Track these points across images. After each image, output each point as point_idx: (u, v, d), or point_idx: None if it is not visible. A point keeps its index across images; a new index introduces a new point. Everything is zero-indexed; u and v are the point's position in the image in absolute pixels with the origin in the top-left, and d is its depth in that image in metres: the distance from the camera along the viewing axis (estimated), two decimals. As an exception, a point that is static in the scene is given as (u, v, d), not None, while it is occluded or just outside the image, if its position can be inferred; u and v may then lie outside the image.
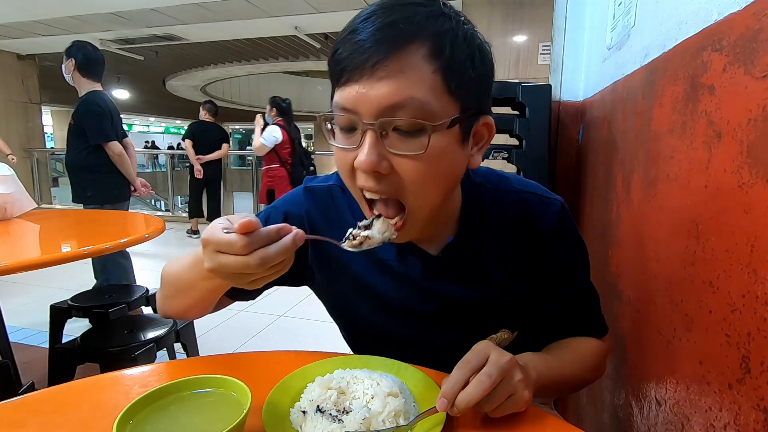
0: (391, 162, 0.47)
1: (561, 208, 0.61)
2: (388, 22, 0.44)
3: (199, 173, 4.47)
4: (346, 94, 0.46)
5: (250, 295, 0.63)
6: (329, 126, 0.51)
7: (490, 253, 0.60)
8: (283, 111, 3.67)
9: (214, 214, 4.80)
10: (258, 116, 3.63)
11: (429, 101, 0.44)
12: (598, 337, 0.66)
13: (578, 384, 0.64)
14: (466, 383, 0.45)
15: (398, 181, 0.48)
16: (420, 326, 0.64)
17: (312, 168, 4.15)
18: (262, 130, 3.57)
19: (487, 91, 0.52)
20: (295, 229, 0.43)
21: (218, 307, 0.63)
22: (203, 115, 4.53)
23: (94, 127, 2.28)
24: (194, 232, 4.88)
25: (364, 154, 0.46)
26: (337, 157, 0.51)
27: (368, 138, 0.46)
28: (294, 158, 3.75)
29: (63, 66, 2.30)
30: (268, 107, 3.69)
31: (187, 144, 4.47)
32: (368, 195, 0.50)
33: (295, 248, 0.43)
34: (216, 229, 0.43)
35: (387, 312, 0.64)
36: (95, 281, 2.48)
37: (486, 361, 0.46)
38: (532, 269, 0.61)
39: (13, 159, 4.01)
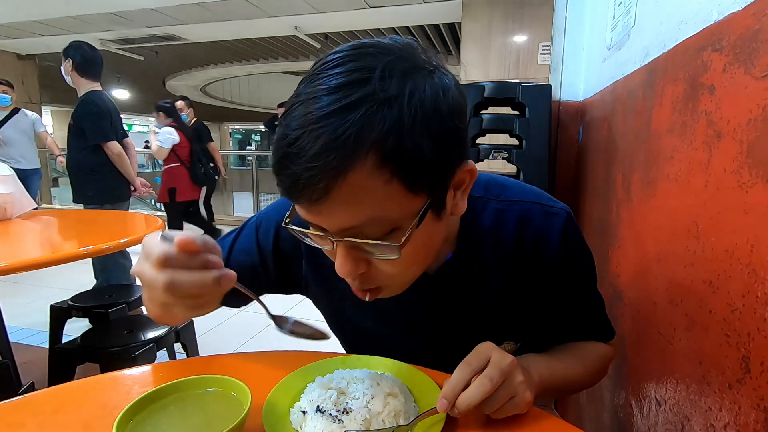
0: (369, 260, 0.45)
1: (566, 219, 0.56)
2: (322, 145, 0.36)
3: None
4: (305, 212, 0.42)
5: (236, 302, 0.60)
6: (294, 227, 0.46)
7: (490, 269, 0.57)
8: (169, 112, 3.76)
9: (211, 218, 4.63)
10: (152, 127, 3.78)
11: (391, 212, 0.40)
12: (604, 341, 0.65)
13: (580, 386, 0.63)
14: (468, 384, 0.45)
15: (379, 274, 0.46)
16: (418, 339, 0.63)
17: (211, 165, 4.15)
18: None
19: (458, 148, 0.44)
20: (225, 271, 0.42)
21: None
22: (190, 113, 4.20)
23: (92, 127, 2.29)
24: None
25: (339, 264, 0.44)
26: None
27: (340, 250, 0.43)
28: (193, 157, 3.83)
29: (62, 67, 2.30)
30: (155, 114, 3.81)
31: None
32: (356, 292, 0.49)
33: (217, 289, 0.41)
34: (159, 235, 0.41)
35: (383, 323, 0.63)
36: (95, 281, 2.48)
37: (488, 362, 0.46)
38: (536, 285, 0.58)
39: (61, 163, 3.88)
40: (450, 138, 0.42)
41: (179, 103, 4.08)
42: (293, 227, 0.45)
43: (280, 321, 0.51)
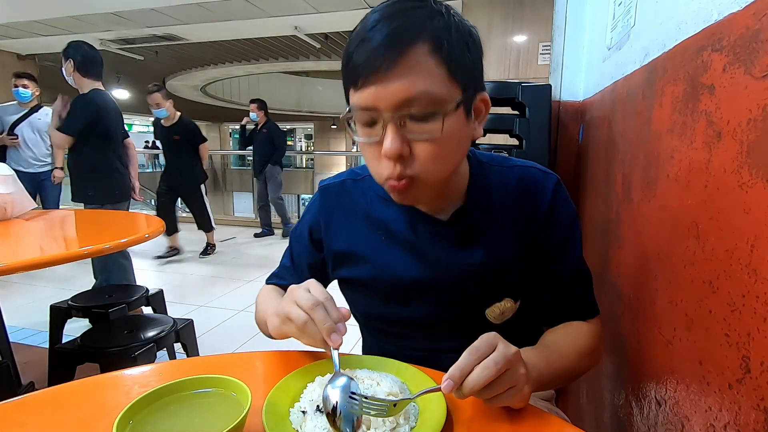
0: (411, 146, 0.53)
1: (558, 179, 0.68)
2: (393, 28, 0.50)
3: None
4: (365, 95, 0.51)
5: None
6: (352, 125, 0.57)
7: (495, 220, 0.66)
8: None
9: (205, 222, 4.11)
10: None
11: (437, 90, 0.51)
12: (591, 317, 0.69)
13: (577, 374, 0.66)
14: (472, 370, 0.46)
15: (416, 162, 0.54)
16: (428, 298, 0.67)
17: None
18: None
19: (481, 71, 0.58)
20: (337, 336, 0.51)
21: None
22: (169, 106, 3.70)
23: (68, 117, 2.28)
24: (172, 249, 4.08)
25: (389, 142, 0.52)
26: (363, 149, 0.58)
27: (390, 129, 0.52)
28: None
29: (63, 68, 2.30)
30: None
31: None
32: (391, 182, 0.56)
33: (327, 335, 0.50)
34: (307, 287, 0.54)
35: (398, 287, 0.68)
36: (95, 281, 2.48)
37: (494, 350, 0.47)
38: (532, 235, 0.66)
39: (55, 178, 3.39)
40: (477, 60, 0.56)
41: (155, 96, 3.62)
42: (349, 121, 0.56)
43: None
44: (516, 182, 0.66)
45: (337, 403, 0.45)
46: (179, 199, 4.11)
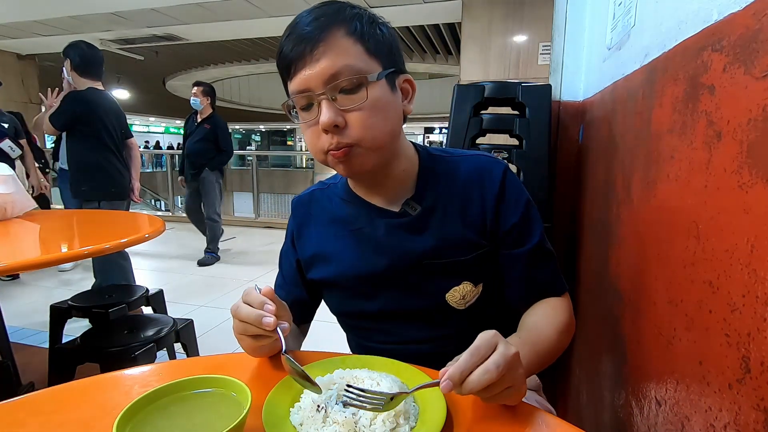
0: (344, 117, 0.59)
1: (507, 166, 0.72)
2: (312, 20, 0.59)
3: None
4: (298, 80, 0.59)
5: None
6: (293, 112, 0.63)
7: (445, 206, 0.70)
8: None
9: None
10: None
11: (358, 63, 0.59)
12: (562, 293, 0.73)
13: (558, 353, 0.69)
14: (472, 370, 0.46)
15: (350, 131, 0.60)
16: (391, 290, 0.70)
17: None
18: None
19: (400, 56, 0.66)
20: (271, 319, 0.53)
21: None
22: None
23: (57, 110, 2.29)
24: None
25: (324, 115, 0.58)
26: (305, 132, 0.64)
27: (324, 104, 0.59)
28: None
29: (64, 69, 2.30)
30: None
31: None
32: (332, 153, 0.61)
33: (258, 323, 0.53)
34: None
35: (363, 281, 0.71)
36: (94, 280, 2.48)
37: (494, 350, 0.47)
38: (486, 219, 0.69)
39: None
40: (391, 42, 0.64)
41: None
42: (290, 109, 0.63)
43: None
44: (464, 170, 0.71)
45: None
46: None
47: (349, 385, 0.47)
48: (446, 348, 0.59)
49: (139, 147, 2.83)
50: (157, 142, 21.14)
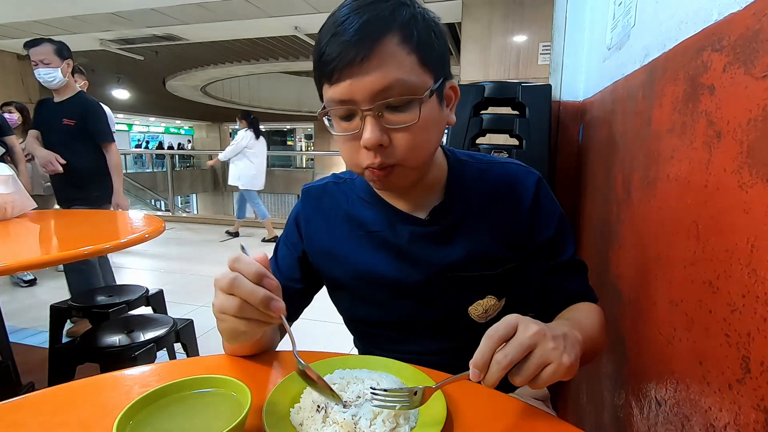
0: (389, 135, 0.54)
1: (540, 176, 0.68)
2: (363, 21, 0.51)
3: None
4: (341, 89, 0.52)
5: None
6: (328, 120, 0.58)
7: (475, 217, 0.65)
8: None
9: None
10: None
11: (411, 79, 0.52)
12: (596, 302, 0.70)
13: (600, 349, 0.64)
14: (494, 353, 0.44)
15: (395, 151, 0.55)
16: (410, 300, 0.66)
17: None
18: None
19: (448, 59, 0.59)
20: (280, 303, 0.46)
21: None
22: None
23: (104, 128, 2.38)
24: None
25: (368, 133, 0.52)
26: (341, 143, 0.58)
27: (368, 120, 0.53)
28: None
29: (59, 68, 2.30)
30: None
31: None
32: (371, 170, 0.57)
33: (264, 306, 0.45)
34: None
35: (379, 288, 0.67)
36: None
37: (515, 331, 0.44)
38: (517, 232, 0.65)
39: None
40: (444, 45, 0.57)
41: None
42: (326, 116, 0.57)
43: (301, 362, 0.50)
44: (496, 179, 0.67)
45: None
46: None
47: (373, 388, 0.46)
48: (461, 360, 0.52)
49: (140, 147, 2.81)
50: (159, 143, 21.14)
